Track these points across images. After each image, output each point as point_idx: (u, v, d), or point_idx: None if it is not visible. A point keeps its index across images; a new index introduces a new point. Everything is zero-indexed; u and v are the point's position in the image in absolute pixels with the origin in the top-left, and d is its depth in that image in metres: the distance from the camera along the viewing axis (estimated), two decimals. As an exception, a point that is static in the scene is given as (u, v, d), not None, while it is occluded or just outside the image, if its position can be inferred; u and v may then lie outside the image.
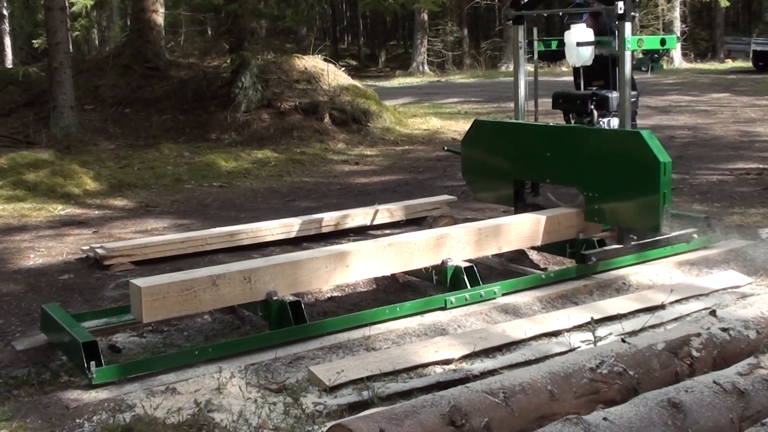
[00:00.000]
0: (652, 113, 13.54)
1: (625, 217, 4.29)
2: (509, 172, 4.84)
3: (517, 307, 4.13)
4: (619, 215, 4.31)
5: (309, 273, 3.86)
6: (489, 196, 5.11)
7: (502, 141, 4.91)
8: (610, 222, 4.43)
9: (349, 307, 4.32)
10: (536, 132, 4.71)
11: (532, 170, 4.74)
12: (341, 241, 5.63)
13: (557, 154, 4.54)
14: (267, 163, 9.59)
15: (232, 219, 6.64)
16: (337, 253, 3.97)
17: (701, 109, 13.83)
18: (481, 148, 5.06)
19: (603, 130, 4.48)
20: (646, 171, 4.09)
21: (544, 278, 4.39)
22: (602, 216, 4.38)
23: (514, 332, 3.68)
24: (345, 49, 36.49)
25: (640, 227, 4.29)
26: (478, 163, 5.07)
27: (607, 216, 4.36)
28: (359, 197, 7.57)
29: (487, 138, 5.02)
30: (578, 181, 4.49)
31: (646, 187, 4.11)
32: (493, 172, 4.96)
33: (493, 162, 4.97)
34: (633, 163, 4.16)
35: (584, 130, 4.48)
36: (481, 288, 4.17)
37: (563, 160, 4.51)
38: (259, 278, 3.71)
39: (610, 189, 4.30)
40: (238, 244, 5.46)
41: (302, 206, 7.21)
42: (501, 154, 4.92)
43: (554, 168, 4.56)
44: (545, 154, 4.57)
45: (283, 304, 3.71)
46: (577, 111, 4.77)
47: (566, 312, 3.96)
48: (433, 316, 3.97)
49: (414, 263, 4.20)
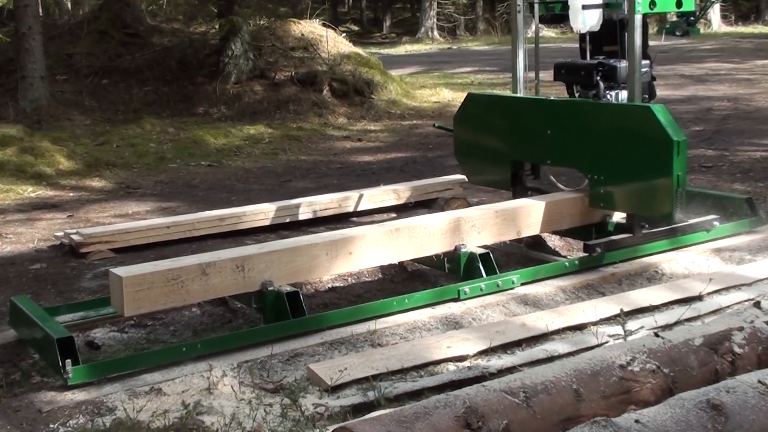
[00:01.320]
0: (687, 82, 13.48)
1: (634, 203, 4.26)
2: (506, 152, 4.82)
3: (538, 297, 4.13)
4: (627, 201, 4.28)
5: (308, 261, 3.86)
6: (484, 179, 5.10)
7: (498, 117, 4.89)
8: (618, 208, 4.41)
9: (352, 299, 4.33)
10: (535, 107, 4.69)
11: (531, 150, 4.70)
12: (343, 225, 5.60)
13: (559, 131, 4.49)
14: (260, 140, 9.59)
15: (223, 201, 6.65)
16: (339, 239, 3.96)
17: (743, 78, 13.76)
18: (474, 126, 5.03)
19: (609, 105, 4.43)
20: (658, 150, 4.06)
21: (568, 266, 4.38)
22: (608, 202, 4.36)
23: (535, 325, 3.68)
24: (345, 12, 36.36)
25: (651, 214, 4.26)
26: (471, 142, 5.06)
27: (614, 201, 4.34)
28: (362, 177, 7.56)
29: (482, 114, 4.99)
30: (582, 162, 4.46)
31: (657, 169, 4.08)
32: (488, 153, 4.94)
33: (488, 141, 4.95)
34: (643, 141, 4.12)
35: (588, 105, 4.45)
36: (499, 277, 4.17)
37: (565, 139, 4.49)
38: (253, 267, 3.71)
39: (618, 171, 4.27)
40: (230, 229, 5.47)
41: (299, 187, 7.20)
42: (497, 132, 4.90)
43: (555, 147, 4.53)
44: (546, 132, 4.54)
45: (280, 295, 3.72)
46: (582, 83, 4.69)
47: (592, 303, 3.95)
48: (445, 308, 3.97)
49: (424, 250, 4.20)
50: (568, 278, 4.32)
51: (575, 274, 4.37)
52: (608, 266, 4.45)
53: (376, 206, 5.98)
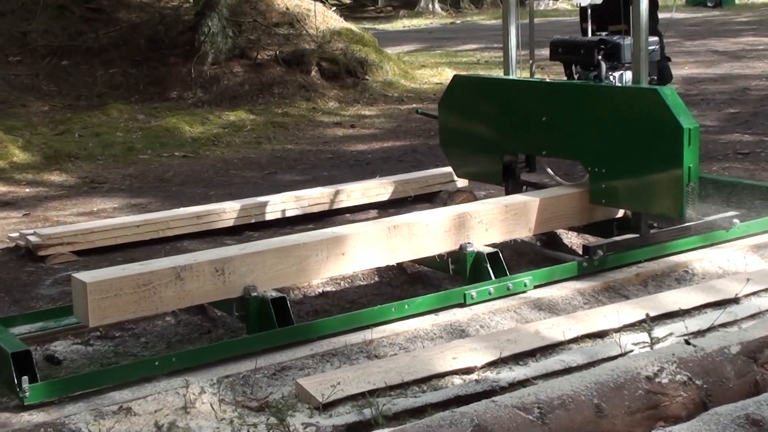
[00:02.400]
0: (720, 59, 13.50)
1: (639, 200, 4.25)
2: (497, 141, 4.82)
3: (554, 302, 4.13)
4: (632, 197, 4.27)
5: (296, 263, 3.86)
6: (472, 172, 5.09)
7: (488, 102, 4.88)
8: (622, 205, 4.41)
9: (345, 305, 4.33)
10: (529, 91, 4.67)
11: (524, 140, 4.69)
12: (335, 223, 5.63)
13: (555, 118, 4.48)
14: (241, 128, 9.58)
15: (200, 197, 6.65)
16: (331, 238, 3.97)
17: (783, 54, 13.77)
18: (461, 112, 5.03)
19: (612, 88, 4.41)
20: (666, 139, 4.04)
21: (586, 266, 4.38)
22: (611, 197, 4.34)
23: (551, 333, 3.69)
24: (335, -17, 36.29)
25: (659, 212, 4.25)
26: (458, 130, 5.06)
27: (616, 198, 4.33)
28: (356, 168, 7.56)
29: (469, 98, 4.98)
30: (581, 152, 4.44)
31: (665, 161, 4.07)
32: (476, 142, 4.93)
33: (477, 129, 4.94)
34: (649, 129, 4.11)
35: (588, 88, 4.44)
36: (509, 279, 4.17)
37: (563, 126, 4.47)
38: (235, 270, 3.71)
39: (621, 163, 4.26)
40: (208, 228, 5.48)
41: (286, 180, 7.20)
42: (486, 118, 4.89)
43: (552, 136, 4.51)
44: (541, 118, 4.54)
45: (265, 301, 3.72)
46: (582, 63, 4.66)
47: (615, 307, 3.96)
48: (449, 314, 3.97)
49: (425, 249, 4.20)
50: (586, 280, 4.32)
51: (595, 275, 4.36)
52: (632, 266, 4.45)
53: (372, 201, 5.97)
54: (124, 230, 5.31)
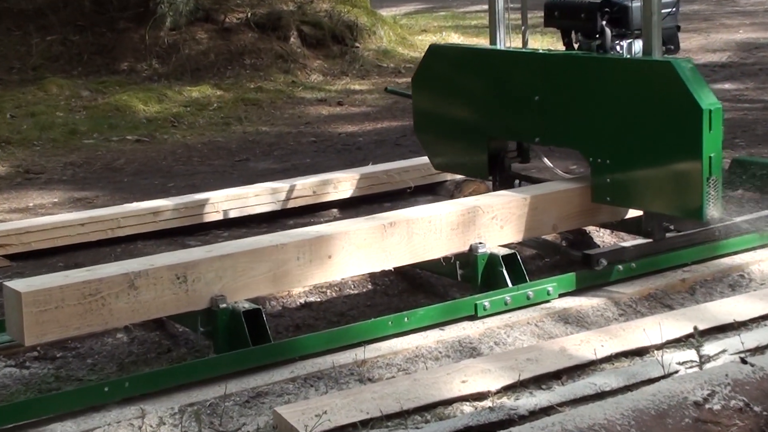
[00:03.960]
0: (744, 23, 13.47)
1: (650, 197, 4.22)
2: (481, 126, 4.81)
3: (583, 313, 4.13)
4: (641, 194, 4.24)
5: (273, 268, 3.86)
6: (452, 164, 5.09)
7: (470, 78, 4.86)
8: (629, 204, 4.39)
9: (333, 319, 4.32)
10: (519, 63, 4.66)
11: (513, 123, 4.68)
12: (319, 220, 5.63)
13: (550, 97, 4.45)
14: (206, 106, 9.55)
15: (156, 189, 6.64)
16: (314, 238, 3.97)
17: None
18: (439, 90, 5.02)
19: (618, 60, 4.38)
20: (682, 122, 4.01)
21: (622, 270, 4.37)
22: (617, 195, 4.30)
23: (580, 351, 3.69)
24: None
25: (675, 212, 4.22)
26: (435, 112, 5.04)
27: (623, 195, 4.29)
28: (344, 154, 7.54)
29: (448, 73, 4.97)
30: (581, 139, 4.41)
31: (681, 149, 4.04)
32: (457, 127, 4.92)
33: (458, 111, 4.93)
34: (662, 110, 4.08)
35: (590, 60, 4.42)
36: (529, 286, 4.17)
37: (559, 108, 4.45)
38: (200, 277, 3.71)
39: (629, 152, 4.24)
40: (167, 226, 5.48)
41: (260, 168, 7.19)
42: (468, 98, 4.87)
43: (546, 120, 4.50)
44: (533, 97, 4.52)
45: (236, 314, 3.72)
46: (582, 29, 4.63)
47: (656, 320, 3.95)
48: (458, 329, 3.97)
49: (428, 251, 4.20)
50: (622, 286, 4.31)
51: (632, 280, 4.35)
52: (677, 269, 4.45)
53: (364, 193, 5.97)
54: (65, 229, 5.29)
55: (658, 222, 4.43)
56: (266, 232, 4.72)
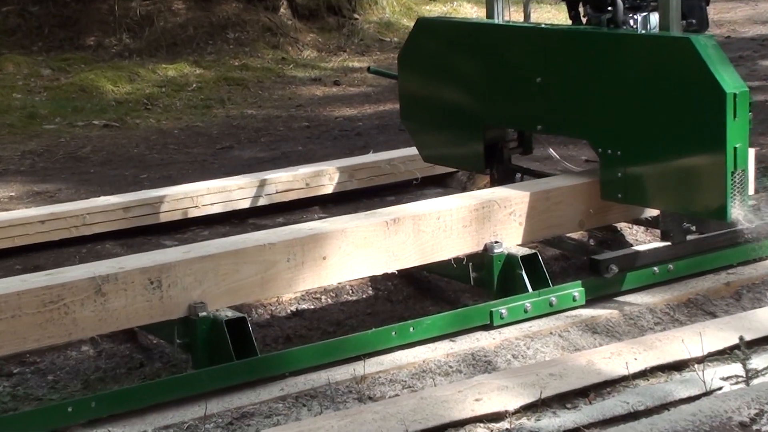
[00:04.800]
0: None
1: (668, 194, 4.21)
2: (476, 113, 4.81)
3: (613, 322, 4.13)
4: (657, 190, 4.23)
5: (260, 271, 3.85)
6: (444, 156, 5.10)
7: (464, 57, 4.86)
8: (644, 202, 4.38)
9: (328, 328, 4.32)
10: (519, 40, 4.66)
11: (512, 109, 4.69)
12: (313, 216, 5.61)
13: (554, 79, 4.46)
14: (184, 86, 9.55)
15: (127, 182, 6.63)
16: (307, 236, 3.95)
17: None
18: (428, 71, 5.02)
19: (631, 36, 4.37)
20: (703, 108, 3.98)
21: (658, 273, 4.37)
22: (629, 191, 4.28)
23: (610, 365, 3.68)
24: None
25: (695, 210, 4.20)
26: (423, 96, 5.05)
27: (637, 191, 4.27)
28: (341, 141, 7.53)
29: (439, 51, 4.97)
30: (589, 128, 4.41)
31: (702, 139, 4.01)
32: (449, 114, 4.93)
33: (450, 95, 4.94)
34: (681, 94, 4.06)
35: (599, 37, 4.41)
36: (552, 291, 4.16)
37: (564, 91, 4.45)
38: (176, 281, 3.70)
39: (643, 142, 4.22)
40: (139, 224, 5.48)
41: (245, 158, 7.18)
42: (462, 80, 4.88)
43: (549, 105, 4.49)
44: (534, 79, 4.52)
45: (217, 324, 3.71)
46: (591, 1, 4.62)
47: (697, 329, 3.94)
48: (471, 340, 3.97)
49: (437, 251, 4.19)
50: (658, 291, 4.31)
51: (669, 284, 4.36)
52: (720, 272, 4.45)
53: (364, 186, 5.97)
54: (24, 227, 5.28)
55: (677, 222, 4.43)
56: (252, 230, 4.71)
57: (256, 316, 4.35)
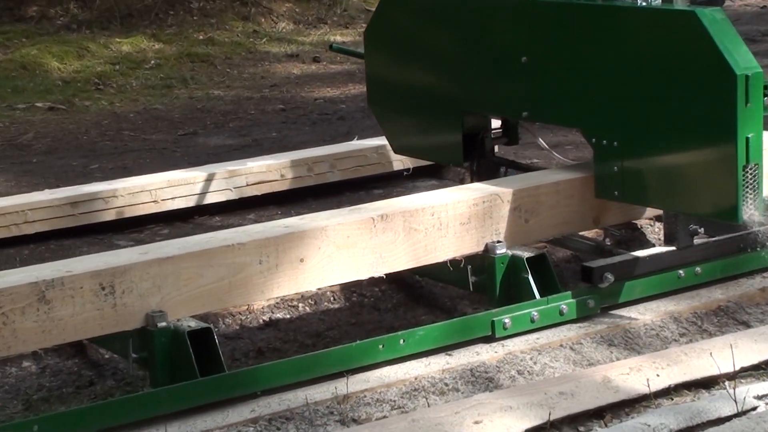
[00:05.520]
0: None
1: (670, 192, 4.20)
2: (453, 97, 4.83)
3: (633, 332, 4.14)
4: (658, 187, 4.22)
5: (228, 275, 3.85)
6: (417, 147, 5.12)
7: (440, 33, 4.89)
8: (645, 200, 4.38)
9: (306, 341, 4.32)
10: (502, 13, 4.66)
11: (494, 93, 4.70)
12: (289, 212, 5.62)
13: (542, 58, 4.47)
14: (141, 63, 9.58)
15: (76, 173, 6.64)
16: (282, 235, 3.95)
17: None
18: (399, 49, 5.05)
19: (629, 9, 4.33)
20: (710, 92, 3.97)
21: (683, 277, 4.39)
22: (627, 187, 4.27)
23: (629, 382, 3.69)
24: None
25: (702, 211, 4.19)
26: (394, 79, 5.09)
27: (636, 188, 4.27)
28: (322, 126, 7.56)
29: (411, 26, 5.01)
30: (581, 114, 4.41)
31: (709, 127, 4.00)
32: (422, 99, 4.95)
33: (423, 77, 4.96)
34: (685, 76, 4.04)
35: (593, 10, 4.39)
36: (563, 298, 4.17)
37: (553, 72, 4.45)
38: (132, 287, 3.69)
39: (642, 132, 4.22)
40: (89, 221, 5.48)
41: (211, 145, 7.21)
42: (438, 60, 4.90)
43: (536, 88, 4.51)
44: (519, 59, 4.53)
45: (179, 335, 3.70)
46: None
47: (728, 340, 3.95)
48: (470, 353, 3.98)
49: (431, 252, 4.20)
50: (683, 298, 4.33)
51: (696, 289, 4.38)
52: (754, 275, 4.46)
53: (347, 177, 6.00)
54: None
55: (682, 224, 4.41)
56: (220, 228, 4.71)
57: (223, 326, 4.36)
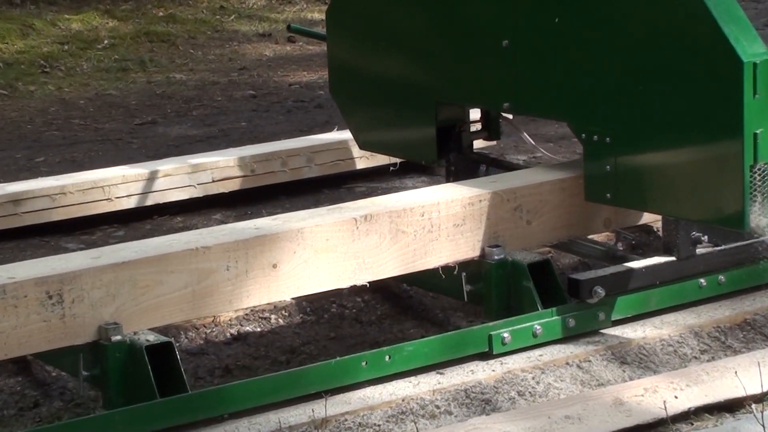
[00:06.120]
0: None
1: (668, 194, 4.19)
2: (426, 86, 4.85)
3: (648, 348, 4.14)
4: (656, 189, 4.22)
5: (191, 283, 3.83)
6: (386, 142, 5.14)
7: (410, 13, 4.91)
8: (641, 203, 4.37)
9: (279, 357, 4.32)
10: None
11: (472, 81, 4.71)
12: (260, 212, 5.62)
13: (525, 42, 4.49)
14: (93, 43, 9.60)
15: (18, 167, 6.65)
16: (252, 238, 3.94)
17: None
18: (365, 31, 5.08)
19: None
20: (713, 82, 3.95)
21: (705, 287, 4.40)
22: (621, 189, 4.26)
23: (643, 404, 3.69)
24: None
25: (705, 216, 4.17)
26: (359, 65, 5.11)
27: (631, 190, 4.26)
28: (297, 115, 7.58)
29: (378, 5, 5.03)
30: (569, 105, 4.42)
31: (712, 122, 3.99)
32: (391, 88, 4.97)
33: (392, 63, 4.98)
34: (686, 63, 4.03)
35: None
36: (569, 309, 4.16)
37: (537, 58, 4.46)
38: (82, 295, 3.66)
39: (638, 126, 4.21)
40: (34, 221, 5.47)
41: (172, 136, 7.23)
42: (408, 43, 4.91)
43: (518, 76, 4.52)
44: (500, 42, 4.53)
45: (136, 351, 3.67)
46: None
47: (754, 358, 3.96)
48: (464, 372, 3.96)
49: (420, 258, 4.19)
50: (705, 310, 4.34)
51: (719, 300, 4.39)
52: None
53: (325, 172, 6.01)
54: None
55: (683, 231, 4.39)
56: (182, 230, 4.69)
57: (186, 341, 4.37)
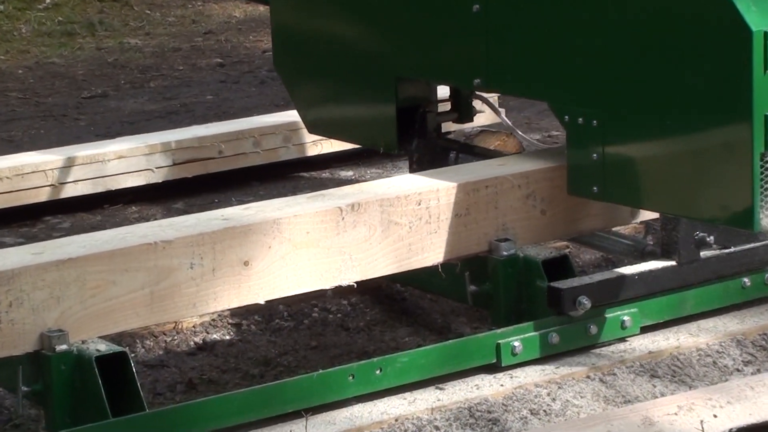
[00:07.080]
0: None
1: (666, 189, 4.22)
2: (384, 59, 4.90)
3: (683, 360, 4.18)
4: (651, 183, 4.25)
5: (149, 283, 3.85)
6: (338, 125, 5.19)
7: None
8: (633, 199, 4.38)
9: (251, 370, 4.35)
10: None
11: (439, 54, 4.75)
12: (229, 200, 5.68)
13: (500, 7, 4.52)
14: (34, 2, 9.64)
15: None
16: (221, 230, 3.95)
17: None
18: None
19: None
20: (718, 56, 3.96)
21: (747, 288, 4.45)
22: (611, 182, 4.29)
23: (677, 424, 3.71)
24: None
25: (708, 214, 4.19)
26: (307, 35, 5.16)
27: (622, 183, 4.29)
28: (271, 86, 7.64)
29: None
30: (550, 83, 4.47)
31: (716, 103, 4.01)
32: (344, 61, 5.03)
33: (345, 32, 5.05)
34: (687, 34, 4.05)
35: None
36: (589, 314, 4.17)
37: (513, 27, 4.50)
38: (21, 297, 3.67)
39: (630, 108, 4.24)
40: None
41: (127, 110, 7.27)
42: (363, 10, 4.97)
43: (492, 47, 4.55)
44: (470, 7, 4.55)
45: (84, 362, 3.69)
46: None
47: (807, 372, 4.04)
48: (467, 386, 3.99)
49: (417, 253, 4.21)
50: (749, 315, 4.39)
51: (765, 303, 4.42)
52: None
53: (303, 154, 6.04)
54: None
55: (685, 231, 4.43)
56: (138, 221, 4.69)
57: (142, 351, 4.40)
